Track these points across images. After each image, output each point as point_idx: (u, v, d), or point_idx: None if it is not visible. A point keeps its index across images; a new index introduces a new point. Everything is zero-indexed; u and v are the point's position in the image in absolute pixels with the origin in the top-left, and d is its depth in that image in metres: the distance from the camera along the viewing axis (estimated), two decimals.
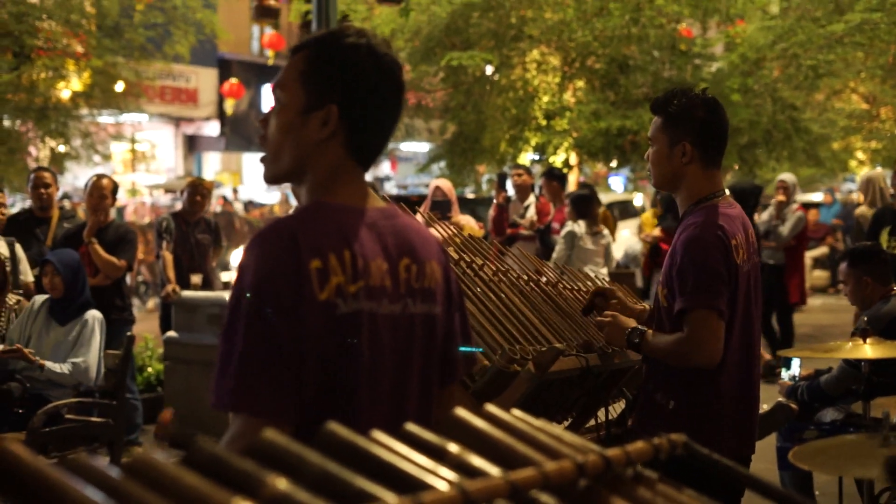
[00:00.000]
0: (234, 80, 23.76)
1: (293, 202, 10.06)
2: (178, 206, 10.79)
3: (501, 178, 10.64)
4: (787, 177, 11.41)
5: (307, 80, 2.12)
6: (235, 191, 27.92)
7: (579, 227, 9.60)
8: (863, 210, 10.09)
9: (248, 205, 25.93)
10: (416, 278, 2.12)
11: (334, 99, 2.09)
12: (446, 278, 2.22)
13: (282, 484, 1.12)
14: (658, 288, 3.44)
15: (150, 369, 9.02)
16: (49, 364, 6.10)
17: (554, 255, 9.54)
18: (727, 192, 3.53)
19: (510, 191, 10.71)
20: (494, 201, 10.61)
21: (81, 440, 6.16)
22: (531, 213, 10.48)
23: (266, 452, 1.23)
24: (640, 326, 3.46)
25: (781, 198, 10.89)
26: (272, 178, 2.18)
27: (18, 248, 7.67)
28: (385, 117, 2.14)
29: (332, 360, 1.98)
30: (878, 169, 11.41)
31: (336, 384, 1.99)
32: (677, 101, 3.41)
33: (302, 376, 1.95)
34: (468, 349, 2.31)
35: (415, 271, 2.12)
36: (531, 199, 10.61)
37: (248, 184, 31.05)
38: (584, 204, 9.74)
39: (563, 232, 9.63)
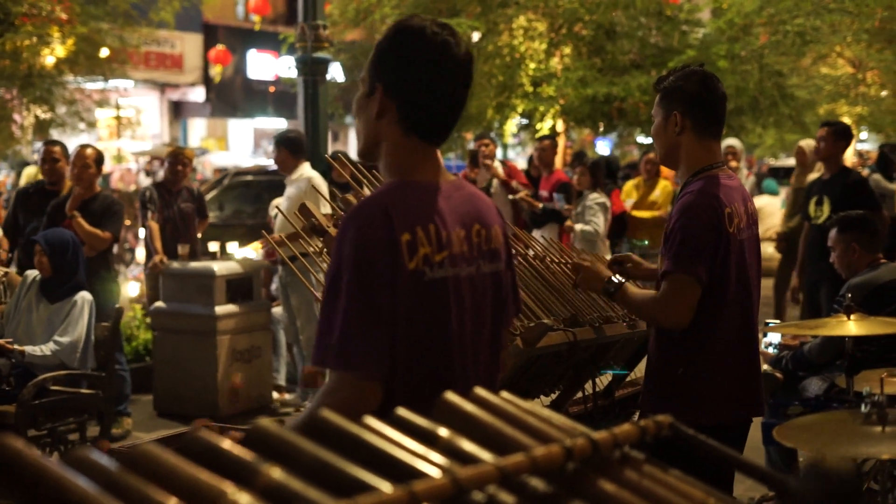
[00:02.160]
0: (220, 47, 23.58)
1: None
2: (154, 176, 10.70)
3: (473, 155, 10.54)
4: (735, 142, 11.45)
5: (370, 68, 2.39)
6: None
7: (603, 196, 9.48)
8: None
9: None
10: (485, 241, 2.40)
11: (381, 79, 2.35)
12: (505, 238, 2.51)
13: (276, 473, 1.14)
14: (660, 256, 3.52)
15: (138, 339, 9.01)
16: (29, 349, 6.06)
17: (595, 227, 9.34)
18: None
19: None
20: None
21: (71, 412, 6.16)
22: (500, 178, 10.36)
23: (260, 441, 1.25)
24: (618, 278, 3.57)
25: (735, 164, 10.89)
26: (361, 154, 2.48)
27: None
28: (438, 93, 2.33)
29: (422, 320, 2.25)
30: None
31: (427, 341, 2.27)
32: (673, 76, 3.53)
33: (396, 337, 2.21)
34: None
35: (484, 235, 2.41)
36: (496, 164, 10.55)
37: (233, 150, 30.93)
38: (602, 171, 9.60)
39: (597, 203, 9.44)
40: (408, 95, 2.33)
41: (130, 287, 11.35)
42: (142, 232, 10.25)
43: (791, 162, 21.48)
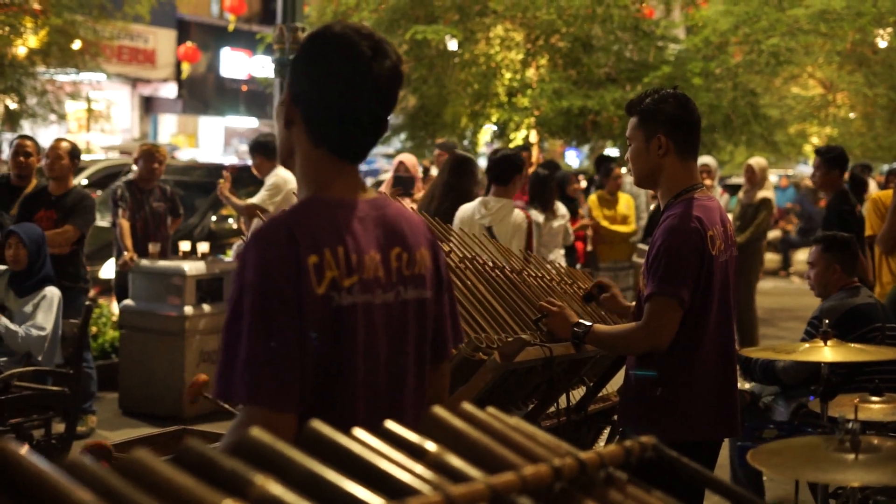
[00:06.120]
0: (189, 44, 23.46)
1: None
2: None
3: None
4: (709, 160, 11.52)
5: (289, 73, 2.29)
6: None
7: (537, 215, 9.44)
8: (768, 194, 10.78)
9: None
10: (406, 266, 2.19)
11: (291, 85, 2.22)
12: (435, 262, 2.29)
13: (271, 486, 1.15)
14: (641, 277, 3.56)
15: (106, 336, 8.94)
16: (5, 320, 6.07)
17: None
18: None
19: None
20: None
21: (37, 409, 6.12)
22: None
23: (253, 452, 1.26)
24: (585, 321, 3.60)
25: (709, 182, 10.98)
26: (282, 162, 2.32)
27: None
28: (346, 106, 2.15)
29: (331, 349, 2.06)
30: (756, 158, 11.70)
31: (336, 372, 2.08)
32: (649, 99, 3.55)
33: (304, 366, 2.03)
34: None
35: (405, 259, 2.19)
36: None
37: (203, 147, 30.77)
38: (539, 186, 9.61)
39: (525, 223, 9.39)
40: (313, 104, 2.17)
41: None
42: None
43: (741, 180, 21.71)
